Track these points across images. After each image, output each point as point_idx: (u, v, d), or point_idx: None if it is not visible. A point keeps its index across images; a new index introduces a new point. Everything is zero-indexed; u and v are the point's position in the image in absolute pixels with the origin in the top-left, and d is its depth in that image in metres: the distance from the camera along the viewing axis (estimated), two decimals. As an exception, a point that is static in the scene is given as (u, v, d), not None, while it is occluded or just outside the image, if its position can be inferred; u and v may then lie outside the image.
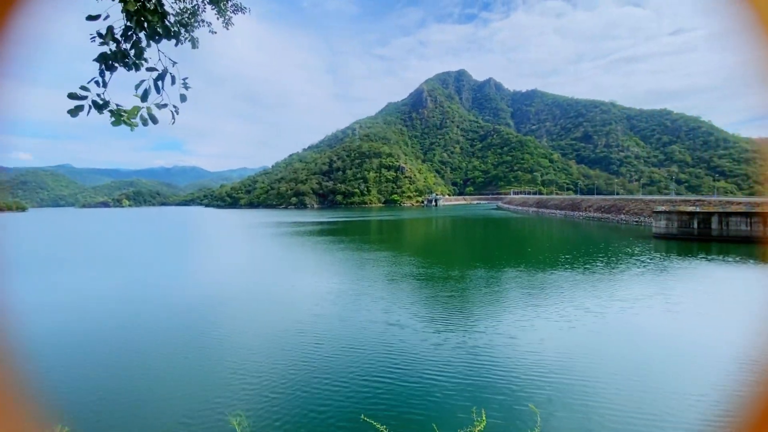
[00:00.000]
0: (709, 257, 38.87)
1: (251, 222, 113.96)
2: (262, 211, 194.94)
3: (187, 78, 4.30)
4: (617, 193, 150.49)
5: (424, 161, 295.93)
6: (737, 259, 37.40)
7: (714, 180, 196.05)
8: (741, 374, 13.77)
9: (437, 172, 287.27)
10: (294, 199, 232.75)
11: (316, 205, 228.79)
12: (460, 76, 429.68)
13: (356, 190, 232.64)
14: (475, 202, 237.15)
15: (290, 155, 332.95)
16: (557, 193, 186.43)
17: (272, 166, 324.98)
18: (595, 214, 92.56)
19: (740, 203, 57.74)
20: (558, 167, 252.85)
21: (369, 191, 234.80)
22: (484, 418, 3.81)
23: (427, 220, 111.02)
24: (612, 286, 27.01)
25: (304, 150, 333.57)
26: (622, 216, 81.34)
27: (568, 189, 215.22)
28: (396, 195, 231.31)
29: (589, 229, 72.85)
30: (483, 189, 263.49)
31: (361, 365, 14.90)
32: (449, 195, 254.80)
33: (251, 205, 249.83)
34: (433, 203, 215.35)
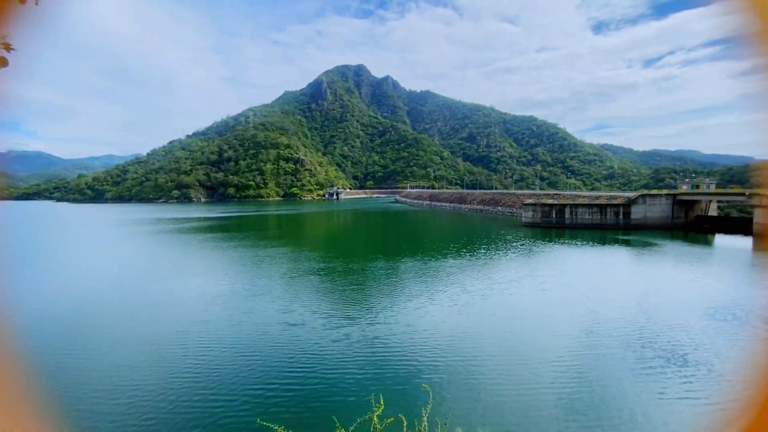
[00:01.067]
0: (564, 241, 46.75)
1: (121, 218, 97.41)
2: (136, 206, 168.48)
3: (7, 36, 3.04)
4: (496, 188, 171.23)
5: (324, 154, 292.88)
6: (583, 242, 45.78)
7: (567, 177, 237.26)
8: (595, 339, 16.76)
9: (338, 165, 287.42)
10: (176, 192, 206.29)
11: (203, 199, 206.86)
12: (360, 70, 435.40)
13: (251, 183, 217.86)
14: (375, 195, 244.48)
15: (170, 142, 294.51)
16: (447, 188, 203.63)
17: (148, 155, 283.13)
18: (478, 207, 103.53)
19: (585, 197, 70.77)
20: (448, 164, 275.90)
21: (266, 184, 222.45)
22: (382, 403, 3.76)
23: (329, 214, 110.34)
24: (492, 270, 30.43)
25: (188, 137, 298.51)
26: (500, 208, 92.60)
27: (456, 184, 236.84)
28: (296, 188, 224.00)
29: (474, 220, 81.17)
30: (382, 183, 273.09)
31: (257, 370, 13.85)
32: (350, 189, 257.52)
33: (121, 198, 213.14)
34: (335, 197, 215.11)
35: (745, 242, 45.47)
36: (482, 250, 39.71)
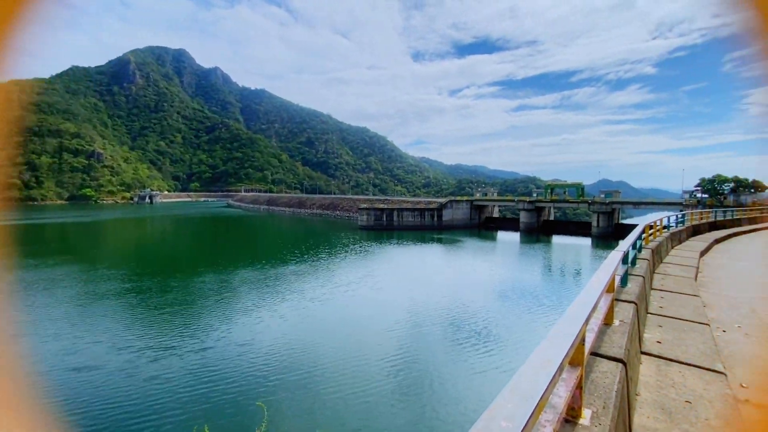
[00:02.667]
0: (393, 241, 51.81)
1: None
2: None
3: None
4: (334, 193, 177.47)
5: (133, 148, 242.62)
6: (408, 241, 51.76)
7: (395, 185, 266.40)
8: (421, 328, 18.68)
9: (152, 162, 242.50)
10: None
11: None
12: (181, 56, 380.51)
13: (17, 182, 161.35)
14: (203, 199, 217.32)
15: None
16: (286, 192, 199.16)
17: None
18: (317, 211, 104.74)
19: (409, 202, 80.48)
20: (286, 167, 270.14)
21: (40, 183, 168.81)
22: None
23: (138, 221, 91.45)
24: (333, 274, 30.92)
25: None
26: (338, 212, 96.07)
27: (295, 188, 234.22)
28: (90, 189, 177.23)
29: (314, 224, 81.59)
30: (211, 185, 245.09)
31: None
32: (170, 191, 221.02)
33: None
34: (148, 200, 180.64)
35: (515, 236, 60.21)
36: (323, 255, 40.04)
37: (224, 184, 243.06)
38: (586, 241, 55.36)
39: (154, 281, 28.57)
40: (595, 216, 58.12)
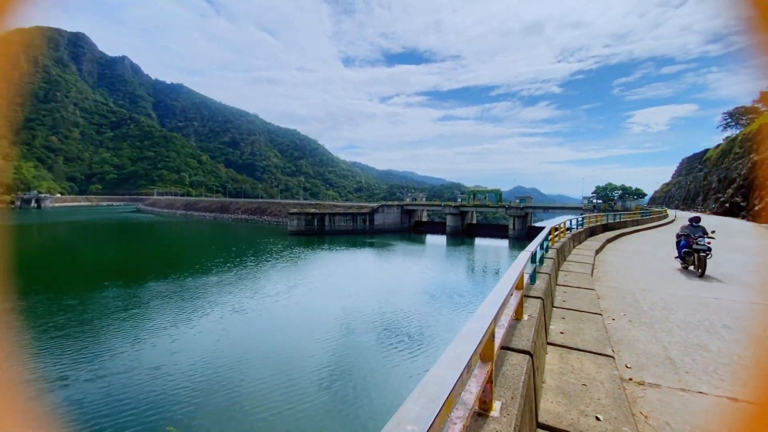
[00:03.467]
0: (326, 246, 51.02)
1: None
2: None
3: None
4: (262, 197, 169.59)
5: (15, 143, 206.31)
6: (341, 246, 51.38)
7: (326, 189, 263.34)
8: (353, 333, 18.51)
9: (41, 161, 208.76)
10: None
11: None
12: (79, 40, 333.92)
13: None
14: (106, 203, 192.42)
15: None
16: (207, 196, 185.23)
17: None
18: (243, 216, 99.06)
19: (341, 206, 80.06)
20: (207, 169, 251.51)
21: None
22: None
23: (20, 229, 77.85)
24: (263, 283, 29.38)
25: None
26: (266, 217, 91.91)
27: (217, 191, 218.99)
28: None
29: (239, 230, 76.95)
30: (117, 188, 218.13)
31: None
32: (63, 194, 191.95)
33: None
34: (34, 204, 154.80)
35: (442, 239, 63.21)
36: (249, 262, 37.89)
37: (133, 187, 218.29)
38: (504, 243, 60.14)
39: (40, 299, 24.44)
40: (512, 219, 63.48)
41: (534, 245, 5.56)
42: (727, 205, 47.56)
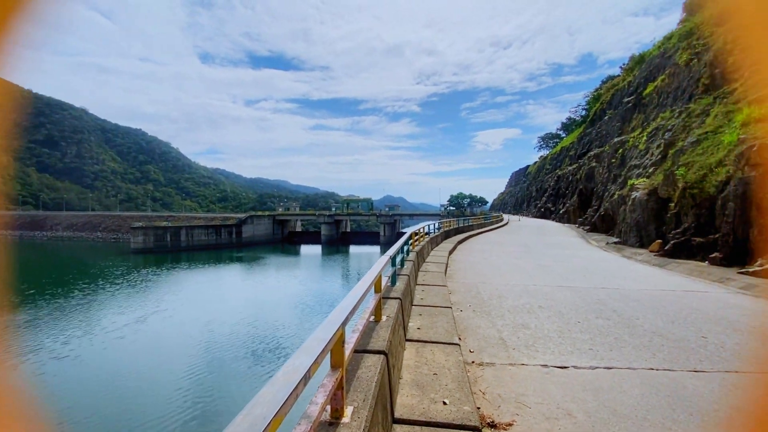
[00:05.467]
0: (182, 265, 44.80)
1: None
2: None
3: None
4: (93, 209, 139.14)
5: None
6: (202, 263, 45.86)
7: (183, 199, 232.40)
8: (218, 353, 16.48)
9: None
10: None
11: None
12: None
13: None
14: None
15: None
16: (11, 209, 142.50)
17: None
18: (65, 233, 79.68)
19: (201, 218, 71.73)
20: (10, 175, 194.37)
21: None
22: None
23: None
24: (101, 316, 23.92)
25: None
26: (99, 233, 75.94)
27: (27, 203, 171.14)
28: None
29: (60, 251, 61.45)
30: None
31: None
32: None
33: None
34: None
35: (318, 249, 62.75)
36: (80, 293, 30.45)
37: None
38: (377, 249, 63.28)
39: None
40: (382, 226, 67.34)
41: (393, 250, 5.92)
42: (542, 209, 60.29)
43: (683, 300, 8.00)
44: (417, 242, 12.65)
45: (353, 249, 65.21)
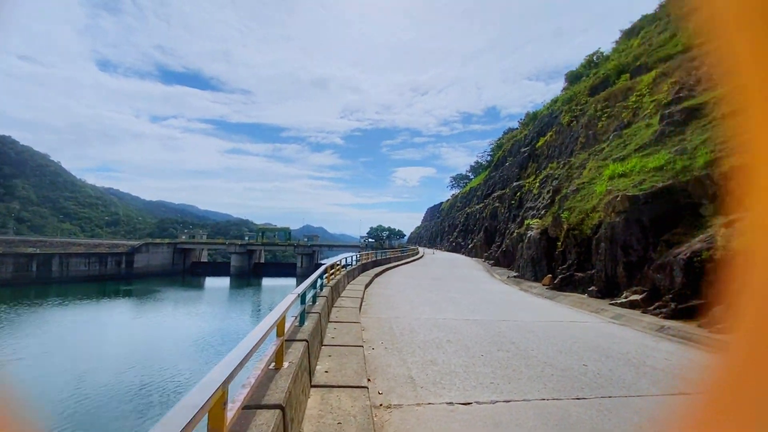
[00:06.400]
0: (50, 300, 37.28)
1: None
2: None
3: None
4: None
5: None
6: (77, 298, 38.72)
7: (60, 221, 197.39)
8: (96, 400, 13.51)
9: None
10: None
11: None
12: None
13: None
14: None
15: None
16: None
17: None
18: None
19: (82, 245, 61.43)
20: None
21: None
22: None
23: None
24: None
25: None
26: (-65, 261, 60.04)
27: None
28: None
29: None
30: None
31: None
32: None
33: None
34: None
35: (225, 282, 57.70)
36: None
37: None
38: (293, 281, 60.51)
39: None
40: (300, 257, 65.03)
41: (303, 287, 5.62)
42: (454, 243, 64.37)
43: (569, 330, 8.95)
44: (333, 275, 12.35)
45: (267, 281, 61.41)
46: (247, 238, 74.22)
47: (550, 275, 17.41)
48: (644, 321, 9.53)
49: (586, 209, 16.67)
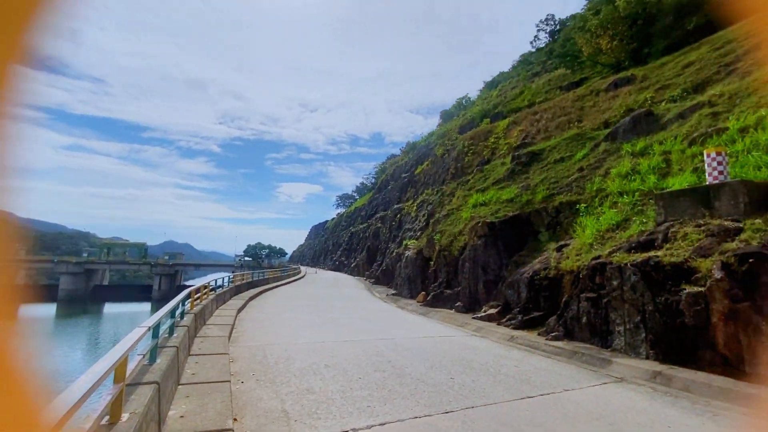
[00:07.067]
0: None
1: None
2: None
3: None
4: None
5: None
6: None
7: None
8: None
9: None
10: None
11: None
12: None
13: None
14: None
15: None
16: None
17: None
18: None
19: None
20: None
21: None
22: None
23: None
24: None
25: None
26: None
27: None
28: None
29: None
30: None
31: None
32: None
33: None
34: None
35: (49, 309, 45.88)
36: None
37: None
38: (147, 306, 51.70)
39: None
40: (158, 278, 56.25)
41: (157, 316, 4.73)
42: (337, 262, 64.47)
43: (439, 345, 9.64)
44: (200, 300, 10.91)
45: (112, 308, 51.01)
46: (86, 254, 60.71)
47: (423, 292, 18.74)
48: (499, 332, 10.93)
49: (454, 232, 18.64)
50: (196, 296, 10.05)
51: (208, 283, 13.18)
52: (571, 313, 9.39)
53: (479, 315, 13.11)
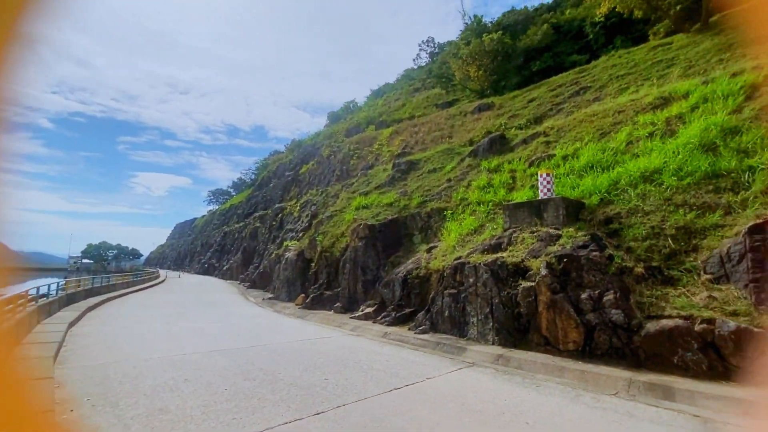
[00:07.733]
0: None
1: None
2: None
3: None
4: None
5: None
6: None
7: None
8: None
9: None
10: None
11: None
12: None
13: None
14: None
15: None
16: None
17: None
18: None
19: None
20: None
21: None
22: None
23: None
24: None
25: None
26: None
27: None
28: None
29: None
30: None
31: None
32: None
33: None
34: None
35: None
36: None
37: None
38: None
39: None
40: (-56, 288, 41.97)
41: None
42: (206, 265, 58.24)
43: (315, 347, 9.58)
44: (12, 314, 8.54)
45: None
46: None
47: (303, 295, 18.38)
48: (374, 329, 11.43)
49: (337, 234, 18.83)
50: (7, 308, 7.86)
51: (26, 291, 10.45)
52: (436, 308, 10.43)
53: (356, 314, 13.50)
